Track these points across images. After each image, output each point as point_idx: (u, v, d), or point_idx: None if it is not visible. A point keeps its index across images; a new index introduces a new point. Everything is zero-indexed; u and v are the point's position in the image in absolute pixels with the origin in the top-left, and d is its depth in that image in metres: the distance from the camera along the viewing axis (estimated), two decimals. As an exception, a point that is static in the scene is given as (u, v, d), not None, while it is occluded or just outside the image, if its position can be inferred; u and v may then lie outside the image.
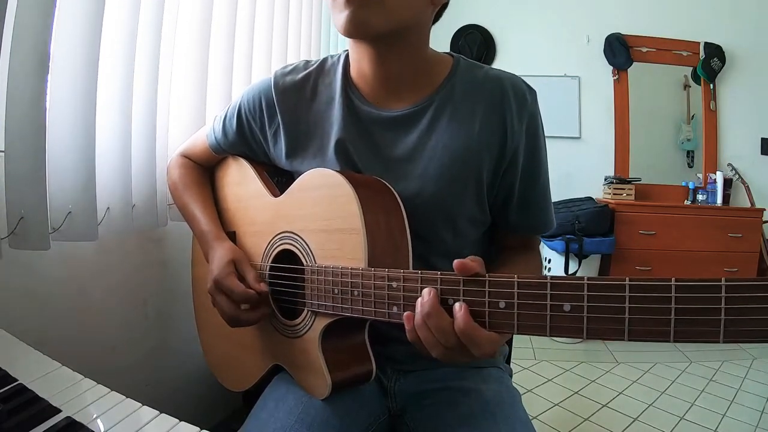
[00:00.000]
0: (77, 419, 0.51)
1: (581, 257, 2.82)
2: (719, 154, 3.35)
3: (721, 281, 0.36)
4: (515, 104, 0.73)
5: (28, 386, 0.55)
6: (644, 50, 3.38)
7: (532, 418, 0.80)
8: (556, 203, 3.20)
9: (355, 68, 0.77)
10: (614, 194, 3.16)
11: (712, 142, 3.35)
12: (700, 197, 3.22)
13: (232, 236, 0.86)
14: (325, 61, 0.82)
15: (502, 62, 3.58)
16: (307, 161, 0.78)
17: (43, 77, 0.76)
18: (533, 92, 0.76)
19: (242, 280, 0.74)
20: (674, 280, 0.38)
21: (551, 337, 0.43)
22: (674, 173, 3.40)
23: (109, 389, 0.57)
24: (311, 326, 0.69)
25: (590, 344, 2.83)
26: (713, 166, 3.31)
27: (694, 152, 3.40)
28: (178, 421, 0.53)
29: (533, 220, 0.80)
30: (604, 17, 3.41)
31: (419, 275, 0.54)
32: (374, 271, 0.58)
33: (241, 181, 0.89)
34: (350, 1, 0.63)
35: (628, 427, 1.87)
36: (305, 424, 0.67)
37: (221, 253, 0.78)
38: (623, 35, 3.35)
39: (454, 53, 0.79)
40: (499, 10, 3.54)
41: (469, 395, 0.74)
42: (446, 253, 0.75)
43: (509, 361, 0.96)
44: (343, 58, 0.80)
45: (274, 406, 0.72)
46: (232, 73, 1.36)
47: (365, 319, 0.61)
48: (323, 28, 2.14)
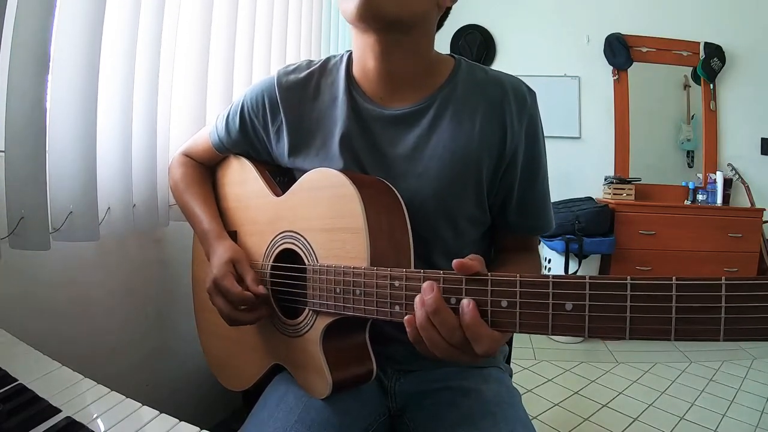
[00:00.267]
0: (77, 419, 0.51)
1: (581, 257, 2.83)
2: (719, 154, 3.36)
3: (721, 280, 0.36)
4: (515, 106, 0.74)
5: (28, 386, 0.55)
6: (644, 50, 3.38)
7: (532, 418, 0.80)
8: (556, 203, 3.21)
9: (358, 66, 0.77)
10: (614, 194, 3.16)
11: (712, 142, 3.35)
12: (700, 197, 3.22)
13: (233, 236, 0.86)
14: (327, 60, 0.82)
15: (502, 62, 3.58)
16: (309, 159, 0.78)
17: (43, 77, 0.76)
18: (533, 94, 0.77)
19: (241, 281, 0.74)
20: (675, 278, 0.38)
21: (553, 335, 0.44)
22: (674, 173, 3.40)
23: (109, 389, 0.57)
24: (312, 325, 0.69)
25: (590, 344, 2.83)
26: (713, 166, 3.31)
27: (694, 152, 3.40)
28: (178, 421, 0.53)
29: (532, 220, 0.80)
30: (604, 17, 3.41)
31: (422, 274, 0.54)
32: (377, 270, 0.58)
33: (242, 180, 0.89)
34: None
35: (628, 427, 1.87)
36: (305, 423, 0.67)
37: (221, 252, 0.78)
38: (623, 35, 3.35)
39: (455, 55, 0.80)
40: (499, 10, 3.54)
41: (469, 395, 0.74)
42: (447, 252, 0.76)
43: (509, 361, 0.96)
44: (346, 57, 0.80)
45: (274, 405, 0.72)
46: (232, 73, 1.36)
47: (367, 318, 0.61)
48: (323, 28, 2.14)
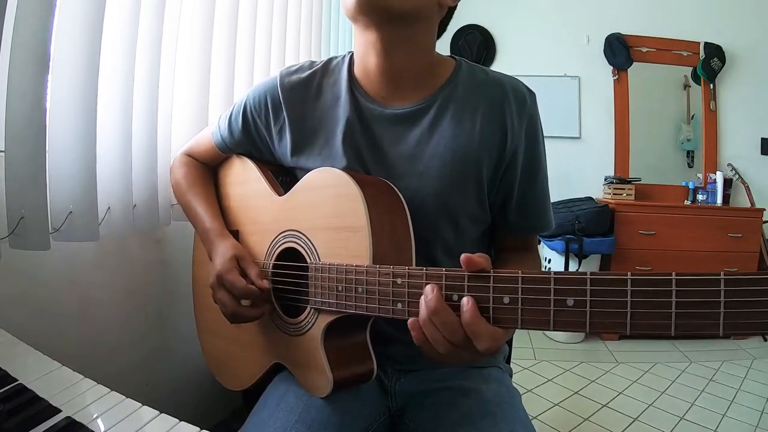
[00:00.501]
0: (77, 419, 0.51)
1: (581, 257, 2.83)
2: (719, 154, 3.36)
3: (720, 275, 0.37)
4: (515, 106, 0.75)
5: (28, 386, 0.55)
6: (644, 50, 3.38)
7: (532, 418, 0.80)
8: (556, 203, 3.21)
9: (360, 65, 0.77)
10: (614, 194, 3.16)
11: (712, 142, 3.35)
12: (700, 197, 3.22)
13: (235, 235, 0.86)
14: (329, 61, 0.83)
15: (502, 62, 3.59)
16: (312, 158, 0.79)
17: (43, 77, 0.76)
18: (533, 95, 0.78)
19: (244, 276, 0.74)
20: (675, 274, 0.39)
21: (554, 331, 0.44)
22: (674, 173, 3.40)
23: (109, 389, 0.57)
24: (314, 324, 0.69)
25: (590, 344, 2.83)
26: (713, 166, 3.31)
27: (694, 152, 3.41)
28: (178, 421, 0.53)
29: (532, 220, 0.81)
30: (604, 17, 3.41)
31: (424, 271, 0.54)
32: (379, 267, 0.59)
33: (244, 180, 0.89)
34: None
35: (628, 427, 1.87)
36: (305, 423, 0.67)
37: (224, 249, 0.78)
38: (623, 35, 3.36)
39: (456, 56, 0.81)
40: (499, 10, 3.55)
41: (469, 395, 0.75)
42: (448, 250, 0.77)
43: (509, 361, 0.96)
44: (348, 58, 0.81)
45: (274, 405, 0.72)
46: (233, 73, 1.36)
47: (369, 316, 0.61)
48: (323, 29, 2.15)
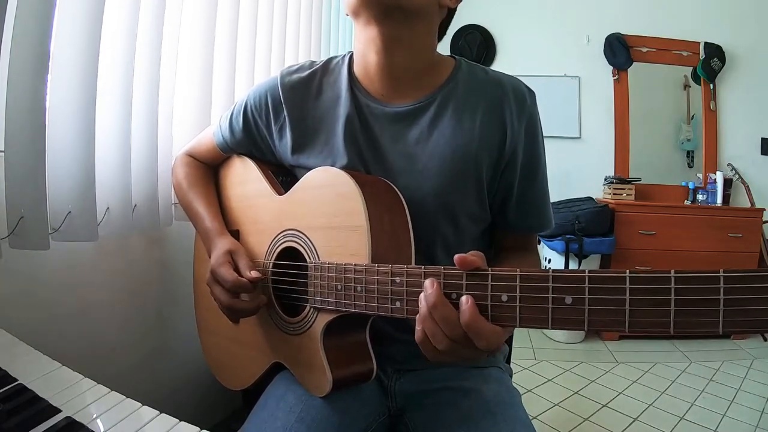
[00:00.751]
0: (77, 419, 0.51)
1: (581, 257, 2.83)
2: (719, 154, 3.36)
3: (719, 272, 0.37)
4: (515, 105, 0.75)
5: (28, 386, 0.55)
6: (644, 50, 3.38)
7: (532, 418, 0.80)
8: (556, 203, 3.21)
9: (360, 63, 0.78)
10: (614, 194, 3.16)
11: (712, 142, 3.35)
12: (700, 197, 3.22)
13: (235, 234, 0.86)
14: (329, 60, 0.83)
15: (502, 62, 3.59)
16: (313, 156, 0.79)
17: (43, 77, 0.76)
18: (533, 94, 0.78)
19: (236, 270, 0.75)
20: (674, 272, 0.38)
21: (553, 329, 0.44)
22: (674, 173, 3.40)
23: (109, 389, 0.57)
24: (313, 323, 0.69)
25: (590, 344, 2.83)
26: (713, 166, 3.31)
27: (694, 152, 3.40)
28: (178, 421, 0.53)
29: (532, 219, 0.81)
30: (604, 17, 3.41)
31: (422, 270, 0.54)
32: (378, 266, 0.59)
33: (245, 180, 0.89)
34: None
35: (628, 427, 1.87)
36: (305, 423, 0.67)
37: (220, 246, 0.79)
38: (623, 35, 3.36)
39: (456, 56, 0.81)
40: (499, 10, 3.55)
41: (469, 395, 0.75)
42: (448, 248, 0.77)
43: (509, 361, 0.96)
44: (347, 57, 0.81)
45: (274, 405, 0.72)
46: (234, 73, 1.36)
47: (368, 315, 0.61)
48: (323, 29, 2.15)
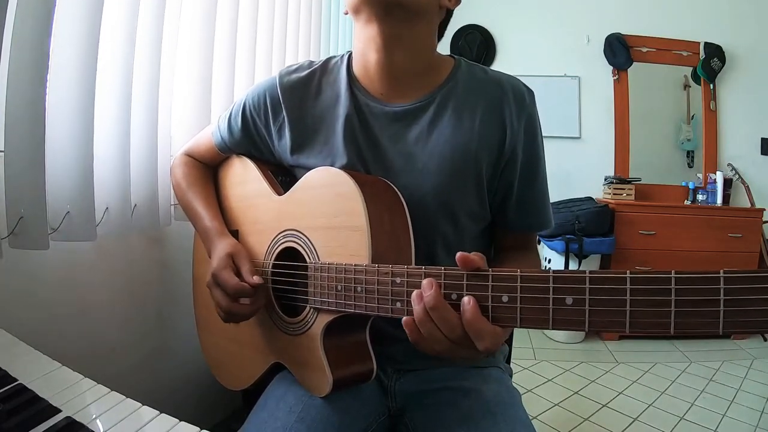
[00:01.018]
0: (77, 419, 0.51)
1: (581, 257, 2.83)
2: (719, 154, 3.36)
3: (719, 273, 0.36)
4: (514, 105, 0.75)
5: (28, 386, 0.55)
6: (644, 50, 3.38)
7: (532, 418, 0.80)
8: (556, 203, 3.21)
9: (359, 62, 0.78)
10: (614, 194, 3.16)
11: (712, 142, 3.35)
12: (700, 197, 3.22)
13: (235, 235, 0.86)
14: (328, 60, 0.83)
15: (502, 62, 3.59)
16: (313, 156, 0.79)
17: (42, 77, 0.76)
18: (531, 93, 0.78)
19: (239, 273, 0.74)
20: (674, 272, 0.38)
21: (554, 330, 0.44)
22: (674, 173, 3.40)
23: (109, 389, 0.57)
24: (313, 323, 0.69)
25: (590, 344, 2.83)
26: (713, 166, 3.31)
27: (694, 152, 3.40)
28: (178, 421, 0.53)
29: (532, 218, 0.81)
30: (604, 17, 3.41)
31: (423, 271, 0.54)
32: (378, 267, 0.58)
33: (244, 180, 0.89)
34: None
35: (628, 427, 1.87)
36: (305, 422, 0.67)
37: (221, 247, 0.78)
38: (623, 35, 3.36)
39: (455, 56, 0.81)
40: (499, 10, 3.55)
41: (469, 395, 0.75)
42: (448, 247, 0.77)
43: (509, 361, 0.96)
44: (346, 57, 0.81)
45: (274, 405, 0.72)
46: (233, 73, 1.36)
47: (368, 315, 0.61)
48: (323, 29, 2.15)
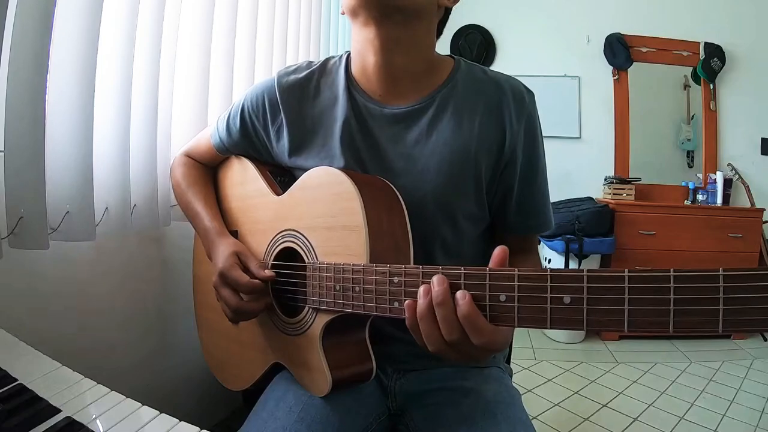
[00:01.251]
0: (77, 419, 0.51)
1: (581, 257, 2.83)
2: (719, 154, 3.35)
3: (719, 271, 0.36)
4: (514, 106, 0.75)
5: (28, 386, 0.55)
6: (644, 50, 3.38)
7: (532, 418, 0.80)
8: (556, 203, 3.20)
9: (358, 64, 0.77)
10: (614, 194, 3.16)
11: (712, 142, 3.35)
12: (700, 197, 3.22)
13: (234, 235, 0.86)
14: (327, 61, 0.83)
15: (502, 62, 3.59)
16: (311, 158, 0.79)
17: (42, 77, 0.76)
18: (531, 94, 0.78)
19: (246, 271, 0.74)
20: (673, 270, 0.38)
21: (552, 329, 0.44)
22: (674, 173, 3.40)
23: (109, 389, 0.57)
24: (312, 323, 0.69)
25: (590, 344, 2.83)
26: (713, 166, 3.31)
27: (694, 152, 3.40)
28: (178, 421, 0.53)
29: (531, 219, 0.81)
30: (604, 17, 3.41)
31: (420, 270, 0.54)
32: (376, 266, 0.58)
33: (243, 180, 0.89)
34: None
35: (628, 427, 1.87)
36: (305, 422, 0.67)
37: (224, 247, 0.78)
38: (623, 35, 3.36)
39: (455, 56, 0.81)
40: (499, 10, 3.55)
41: (469, 395, 0.75)
42: (445, 249, 0.77)
43: (509, 361, 0.96)
44: (345, 57, 0.81)
45: (274, 405, 0.72)
46: (233, 72, 1.36)
47: (366, 315, 0.61)
48: (323, 29, 2.15)
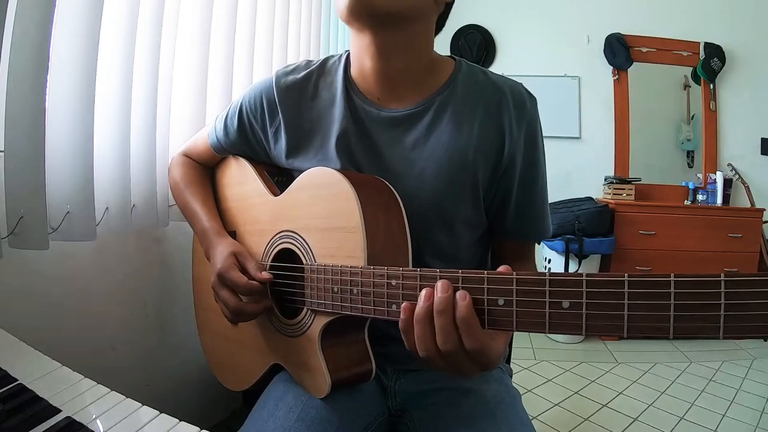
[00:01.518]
0: (77, 419, 0.51)
1: (581, 257, 2.83)
2: (719, 154, 3.35)
3: (720, 276, 0.36)
4: (514, 111, 0.73)
5: (28, 386, 0.55)
6: (644, 50, 3.37)
7: (532, 418, 0.80)
8: (556, 203, 3.20)
9: (356, 66, 0.76)
10: (614, 194, 3.16)
11: (712, 142, 3.34)
12: (700, 197, 3.22)
13: (232, 236, 0.86)
14: (326, 60, 0.82)
15: (502, 62, 3.58)
16: (308, 160, 0.78)
17: (42, 77, 0.76)
18: (533, 99, 0.76)
19: (245, 272, 0.73)
20: (673, 275, 0.37)
21: (550, 334, 0.43)
22: (674, 173, 3.40)
23: (109, 389, 0.57)
24: (311, 325, 0.69)
25: (590, 344, 2.83)
26: (713, 166, 3.31)
27: (694, 152, 3.40)
28: (178, 421, 0.53)
29: (529, 226, 0.80)
30: (604, 17, 3.40)
31: (418, 273, 0.53)
32: (373, 269, 0.58)
33: (241, 180, 0.89)
34: None
35: (628, 427, 1.87)
36: (305, 422, 0.67)
37: (222, 248, 0.77)
38: (623, 35, 3.35)
39: (456, 57, 0.79)
40: (499, 10, 3.54)
41: (469, 395, 0.74)
42: (441, 253, 0.76)
43: (509, 361, 0.96)
44: (344, 57, 0.79)
45: (273, 405, 0.72)
46: (232, 72, 1.36)
47: (364, 317, 0.61)
48: (323, 28, 2.15)
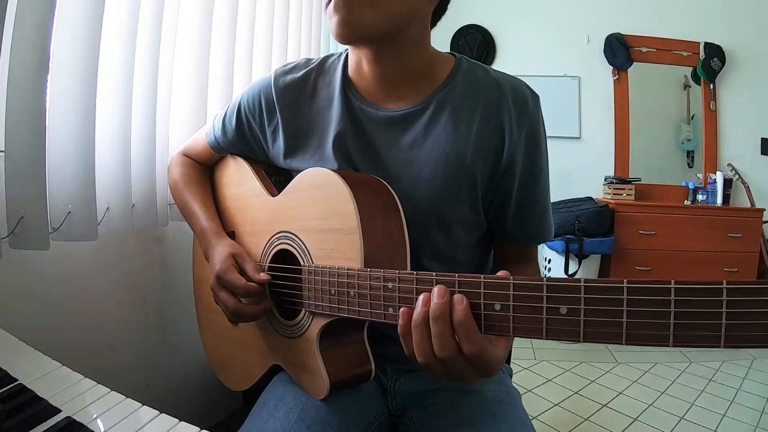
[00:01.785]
0: (77, 419, 0.51)
1: (581, 257, 2.83)
2: (719, 154, 3.36)
3: (722, 284, 0.34)
4: (514, 109, 0.71)
5: (28, 386, 0.55)
6: (644, 50, 3.37)
7: (532, 418, 0.80)
8: (556, 203, 3.19)
9: (354, 68, 0.76)
10: (614, 194, 3.16)
11: (712, 142, 3.35)
12: (700, 197, 3.22)
13: (231, 236, 0.86)
14: (325, 59, 0.81)
15: (501, 62, 3.58)
16: (305, 160, 0.77)
17: (43, 77, 0.76)
18: (536, 97, 0.74)
19: (243, 273, 0.73)
20: (674, 282, 0.36)
21: (547, 339, 0.43)
22: (674, 173, 3.40)
23: (109, 389, 0.57)
24: (309, 326, 0.69)
25: (590, 344, 2.82)
26: (713, 166, 3.31)
27: (694, 152, 3.40)
28: (178, 421, 0.53)
29: (530, 228, 0.78)
30: (604, 17, 3.40)
31: (414, 276, 0.53)
32: (370, 271, 0.57)
33: (239, 180, 0.88)
34: (338, 5, 0.63)
35: (628, 427, 1.87)
36: (305, 423, 0.67)
37: (220, 248, 0.77)
38: (623, 35, 3.35)
39: (456, 53, 0.77)
40: (499, 10, 3.54)
41: (469, 395, 0.74)
42: (438, 255, 0.75)
43: (509, 361, 0.96)
44: (343, 57, 0.79)
45: (273, 405, 0.72)
46: (232, 72, 1.36)
47: (362, 320, 0.60)
48: (323, 27, 2.14)
